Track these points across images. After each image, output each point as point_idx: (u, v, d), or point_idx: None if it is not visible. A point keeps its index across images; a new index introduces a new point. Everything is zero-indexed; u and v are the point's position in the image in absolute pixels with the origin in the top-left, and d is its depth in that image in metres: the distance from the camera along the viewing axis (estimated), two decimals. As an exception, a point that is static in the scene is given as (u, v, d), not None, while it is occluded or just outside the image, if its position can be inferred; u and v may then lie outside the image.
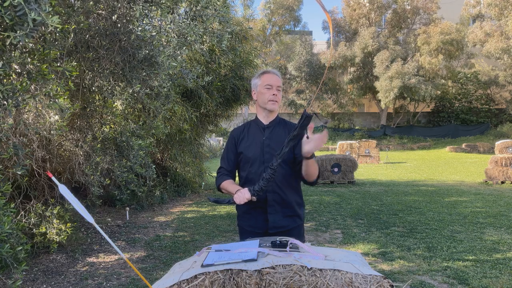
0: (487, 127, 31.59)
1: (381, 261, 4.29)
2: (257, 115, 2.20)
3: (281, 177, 2.04)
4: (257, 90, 2.14)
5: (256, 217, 2.06)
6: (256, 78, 2.17)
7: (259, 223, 2.05)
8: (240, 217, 2.15)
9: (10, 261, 2.84)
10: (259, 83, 2.14)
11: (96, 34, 3.62)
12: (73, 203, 1.51)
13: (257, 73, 2.22)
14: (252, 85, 2.20)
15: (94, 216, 6.57)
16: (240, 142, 2.15)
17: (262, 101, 2.12)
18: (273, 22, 35.68)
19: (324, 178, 11.46)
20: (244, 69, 8.55)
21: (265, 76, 2.13)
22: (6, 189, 2.85)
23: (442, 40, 27.92)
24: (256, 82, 2.16)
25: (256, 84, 2.15)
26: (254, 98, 2.20)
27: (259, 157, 2.06)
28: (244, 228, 2.12)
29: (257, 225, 2.05)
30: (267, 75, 2.14)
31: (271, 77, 2.12)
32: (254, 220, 2.07)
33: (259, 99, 2.15)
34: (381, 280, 1.27)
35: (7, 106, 2.24)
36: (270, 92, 2.10)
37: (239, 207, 2.09)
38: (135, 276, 3.94)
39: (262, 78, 2.14)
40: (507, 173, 10.86)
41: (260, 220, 2.05)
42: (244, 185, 2.04)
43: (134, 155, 4.77)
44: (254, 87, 2.18)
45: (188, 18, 3.89)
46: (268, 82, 2.10)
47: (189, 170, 9.87)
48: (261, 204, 2.03)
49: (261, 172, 2.02)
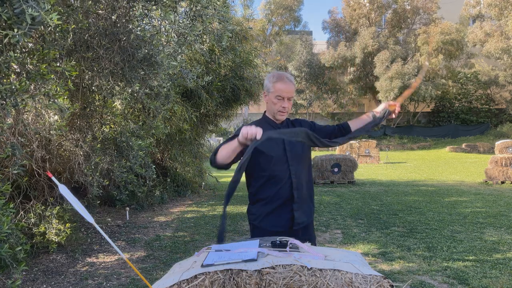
0: (487, 127, 31.60)
1: (381, 261, 4.28)
2: (267, 113, 2.12)
3: (306, 172, 2.07)
4: (269, 96, 2.04)
5: (281, 215, 2.00)
6: (270, 82, 2.04)
7: (284, 221, 2.00)
8: (262, 218, 2.02)
9: (10, 261, 2.83)
10: (271, 89, 2.02)
11: (95, 33, 3.61)
12: (73, 203, 1.50)
13: (271, 74, 2.07)
14: (264, 85, 2.09)
15: (94, 216, 6.56)
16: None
17: (271, 110, 2.05)
18: (273, 22, 35.69)
19: (324, 178, 11.46)
20: (244, 69, 8.54)
21: (278, 86, 2.01)
22: (6, 189, 2.84)
23: (442, 40, 27.93)
24: (269, 87, 2.04)
25: (268, 89, 2.04)
26: (265, 100, 2.11)
27: (282, 156, 2.02)
28: (266, 229, 1.99)
29: (281, 223, 2.00)
30: (281, 85, 2.01)
31: (284, 88, 2.01)
32: (279, 220, 2.00)
33: (268, 106, 2.07)
34: (381, 280, 1.26)
35: (5, 106, 2.23)
36: (280, 104, 2.02)
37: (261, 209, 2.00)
38: (135, 276, 3.94)
39: (275, 86, 2.01)
40: (507, 173, 10.85)
41: (286, 219, 2.00)
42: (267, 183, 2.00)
43: (134, 155, 4.77)
44: (265, 89, 2.07)
45: (188, 18, 3.88)
46: (279, 93, 2.00)
47: (189, 170, 9.87)
48: (287, 202, 2.00)
49: (285, 169, 2.00)
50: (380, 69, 29.32)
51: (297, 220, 2.01)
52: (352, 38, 33.14)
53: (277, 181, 1.99)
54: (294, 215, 2.00)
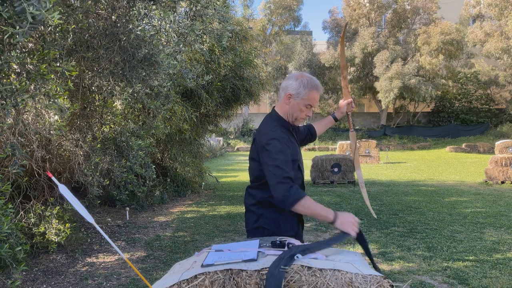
0: (487, 127, 31.59)
1: (381, 261, 4.28)
2: (282, 114, 2.01)
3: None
4: (296, 101, 1.93)
5: (293, 218, 1.98)
6: (303, 88, 1.92)
7: (293, 224, 1.98)
8: (280, 223, 1.95)
9: (9, 261, 2.83)
10: (303, 96, 1.92)
11: (95, 33, 3.61)
12: (73, 203, 1.50)
13: (304, 79, 1.93)
14: (293, 87, 1.93)
15: (94, 216, 6.56)
16: (291, 147, 1.93)
17: (293, 114, 1.97)
18: (273, 22, 35.67)
19: (324, 178, 11.46)
20: (244, 69, 8.54)
21: (313, 95, 1.93)
22: (6, 189, 2.84)
23: (442, 40, 27.92)
24: (301, 92, 1.92)
25: (299, 93, 1.92)
26: (286, 102, 1.95)
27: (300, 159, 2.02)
28: (275, 233, 1.92)
29: (290, 227, 1.97)
30: (316, 94, 1.94)
31: (317, 97, 1.95)
32: (288, 224, 1.97)
33: (292, 110, 1.96)
34: (381, 280, 1.26)
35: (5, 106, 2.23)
36: (306, 112, 1.97)
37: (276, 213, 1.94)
38: (135, 276, 3.94)
39: (310, 94, 1.92)
40: (507, 173, 10.85)
41: (294, 222, 1.98)
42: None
43: (133, 155, 4.77)
44: (294, 92, 1.92)
45: (188, 18, 3.88)
46: (312, 102, 1.94)
47: (189, 170, 9.86)
48: None
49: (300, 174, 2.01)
50: (380, 69, 29.30)
51: (304, 223, 2.07)
52: (352, 38, 33.12)
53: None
54: (303, 217, 2.04)
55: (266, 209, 1.96)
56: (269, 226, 1.94)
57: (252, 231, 2.00)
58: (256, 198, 1.99)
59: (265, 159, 1.85)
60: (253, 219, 2.00)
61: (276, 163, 1.79)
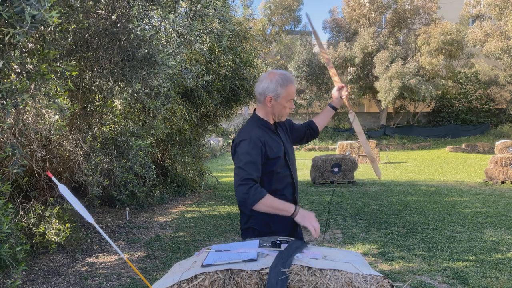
0: (487, 127, 31.59)
1: (381, 261, 4.28)
2: (261, 116, 2.02)
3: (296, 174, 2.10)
4: (278, 101, 1.94)
5: (285, 219, 1.93)
6: (280, 87, 1.93)
7: (288, 225, 1.97)
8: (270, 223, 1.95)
9: (10, 261, 2.83)
10: (283, 94, 1.93)
11: (95, 33, 3.61)
12: (73, 203, 1.50)
13: (277, 78, 1.94)
14: (270, 90, 1.94)
15: (94, 216, 6.56)
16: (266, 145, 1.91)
17: (280, 113, 1.99)
18: (273, 22, 35.69)
19: (324, 178, 11.46)
20: (244, 69, 8.54)
21: (290, 88, 1.95)
22: (6, 189, 2.84)
23: (442, 40, 27.91)
24: (280, 92, 1.93)
25: (279, 94, 1.93)
26: (268, 105, 1.96)
27: (284, 159, 2.01)
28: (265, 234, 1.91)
29: (282, 227, 1.96)
30: (292, 87, 1.96)
31: (294, 89, 1.99)
32: (279, 224, 1.96)
33: (276, 110, 1.97)
34: (381, 280, 1.26)
35: (5, 105, 2.23)
36: (290, 105, 1.98)
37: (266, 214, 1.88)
38: (135, 276, 3.94)
39: (287, 89, 1.93)
40: (507, 173, 10.85)
41: (287, 222, 1.95)
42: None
43: (133, 155, 4.77)
44: (273, 94, 1.93)
45: (188, 18, 3.88)
46: (292, 96, 1.96)
47: (189, 170, 9.86)
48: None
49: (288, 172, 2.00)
50: (380, 69, 29.30)
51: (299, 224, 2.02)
52: (352, 38, 33.12)
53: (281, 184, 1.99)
54: None
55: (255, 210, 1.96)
56: (259, 227, 1.95)
57: (244, 232, 2.02)
58: None
59: (234, 160, 1.90)
60: (244, 220, 2.01)
61: (239, 164, 1.81)
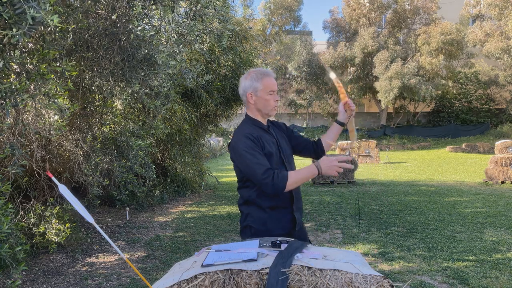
0: (487, 127, 31.59)
1: (381, 261, 4.28)
2: (253, 117, 2.06)
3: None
4: (258, 95, 1.99)
5: (282, 217, 1.96)
6: (255, 81, 1.99)
7: (286, 223, 1.96)
8: (266, 221, 1.94)
9: (9, 261, 2.83)
10: (260, 87, 1.99)
11: (95, 33, 3.61)
12: (73, 203, 1.50)
13: (252, 74, 2.02)
14: (248, 87, 2.00)
15: (94, 216, 6.56)
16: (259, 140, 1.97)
17: (266, 108, 2.02)
18: (273, 22, 35.68)
19: (324, 178, 11.46)
20: (244, 69, 8.53)
21: (267, 80, 1.99)
22: (6, 189, 2.84)
23: (442, 40, 27.91)
24: (256, 86, 1.99)
25: (256, 88, 1.99)
26: (251, 102, 2.01)
27: (279, 155, 2.02)
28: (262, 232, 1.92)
29: (283, 225, 1.96)
30: (269, 79, 2.00)
31: (273, 81, 2.01)
32: (281, 222, 1.95)
33: (260, 105, 2.01)
34: (381, 280, 1.26)
35: (5, 105, 2.23)
36: (273, 98, 2.01)
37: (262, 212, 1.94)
38: (135, 276, 3.94)
39: (263, 82, 1.99)
40: (507, 173, 10.85)
41: (287, 221, 1.96)
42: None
43: (133, 155, 4.77)
44: (251, 90, 2.00)
45: (188, 18, 3.88)
46: (271, 88, 1.99)
47: (189, 170, 9.87)
48: (287, 203, 1.97)
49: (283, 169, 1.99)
50: (380, 69, 29.30)
51: (298, 221, 1.99)
52: (352, 38, 33.13)
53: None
54: (295, 216, 1.99)
55: (252, 208, 1.99)
56: (255, 225, 1.96)
57: (243, 230, 2.03)
58: (243, 197, 2.02)
59: (239, 160, 1.94)
60: (242, 218, 2.03)
61: (246, 162, 1.89)
